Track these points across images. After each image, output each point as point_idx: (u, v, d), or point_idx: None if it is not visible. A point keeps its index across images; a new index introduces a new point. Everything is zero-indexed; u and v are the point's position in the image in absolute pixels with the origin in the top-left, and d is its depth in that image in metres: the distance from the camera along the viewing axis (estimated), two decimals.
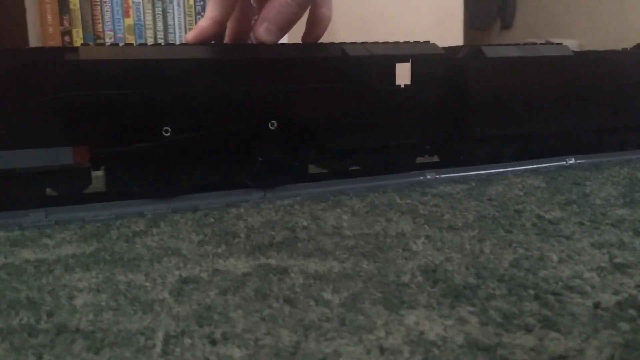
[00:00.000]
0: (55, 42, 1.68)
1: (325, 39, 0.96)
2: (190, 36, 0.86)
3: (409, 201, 0.85)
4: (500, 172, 1.03)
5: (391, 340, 0.43)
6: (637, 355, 0.40)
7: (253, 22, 0.93)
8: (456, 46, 1.06)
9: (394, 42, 0.96)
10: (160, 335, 0.44)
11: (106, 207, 0.80)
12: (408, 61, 0.95)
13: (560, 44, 1.12)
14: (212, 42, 0.88)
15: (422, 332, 0.44)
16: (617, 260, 0.59)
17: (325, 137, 0.92)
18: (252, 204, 0.84)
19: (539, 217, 0.76)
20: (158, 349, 0.42)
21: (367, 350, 0.42)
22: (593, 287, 0.52)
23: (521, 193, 0.89)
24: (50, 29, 1.70)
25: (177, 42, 2.05)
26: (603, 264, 0.58)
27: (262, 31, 0.85)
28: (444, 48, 1.02)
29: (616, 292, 0.51)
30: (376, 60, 0.92)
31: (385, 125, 0.95)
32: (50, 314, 0.48)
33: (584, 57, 1.11)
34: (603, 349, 0.41)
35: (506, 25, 3.42)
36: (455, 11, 2.38)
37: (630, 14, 2.65)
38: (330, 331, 0.45)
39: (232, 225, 0.74)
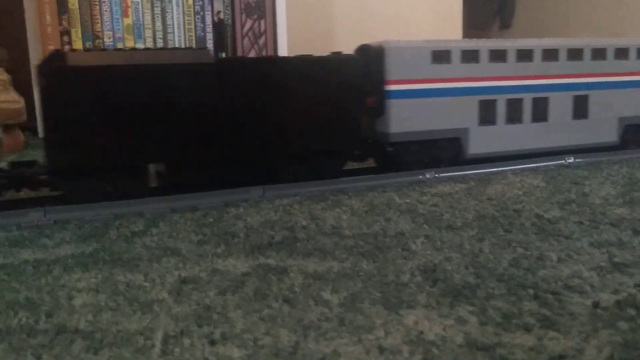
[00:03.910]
0: (54, 42, 1.68)
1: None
2: None
3: (408, 201, 0.85)
4: (499, 171, 1.03)
5: (390, 340, 0.43)
6: (636, 354, 0.40)
7: None
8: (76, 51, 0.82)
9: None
10: (159, 335, 0.44)
11: (105, 207, 0.80)
12: None
13: (206, 48, 0.88)
14: None
15: (421, 332, 0.44)
16: (617, 259, 0.59)
17: None
18: (251, 203, 0.84)
19: (538, 216, 0.76)
20: (157, 349, 0.42)
21: (366, 350, 0.42)
22: (592, 286, 0.52)
23: (520, 192, 0.89)
24: (49, 29, 1.70)
25: (177, 43, 2.05)
26: (602, 263, 0.58)
27: None
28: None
29: (615, 292, 0.51)
30: None
31: None
32: (49, 314, 0.48)
33: (231, 66, 0.87)
34: (602, 349, 0.41)
35: (505, 25, 3.43)
36: (454, 11, 2.38)
37: (629, 14, 2.65)
38: (329, 331, 0.45)
39: (232, 225, 0.74)
